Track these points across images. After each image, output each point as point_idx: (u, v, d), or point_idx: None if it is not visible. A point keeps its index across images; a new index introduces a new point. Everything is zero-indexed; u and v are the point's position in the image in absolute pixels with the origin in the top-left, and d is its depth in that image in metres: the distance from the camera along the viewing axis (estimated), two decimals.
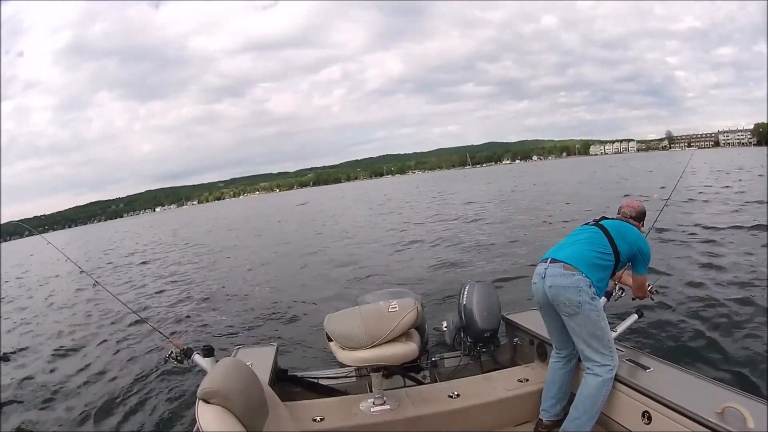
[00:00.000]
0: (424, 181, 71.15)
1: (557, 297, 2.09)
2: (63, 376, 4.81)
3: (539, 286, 2.16)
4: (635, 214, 2.45)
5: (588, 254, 2.14)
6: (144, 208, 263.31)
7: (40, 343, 6.23)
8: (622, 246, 2.21)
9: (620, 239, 2.21)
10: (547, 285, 2.12)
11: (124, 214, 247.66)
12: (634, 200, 2.53)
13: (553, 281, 2.10)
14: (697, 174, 23.58)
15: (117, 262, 14.53)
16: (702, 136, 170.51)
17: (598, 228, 2.26)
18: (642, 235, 2.34)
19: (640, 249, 2.25)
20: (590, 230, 2.29)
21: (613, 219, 2.39)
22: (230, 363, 1.70)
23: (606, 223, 2.30)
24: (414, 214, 19.82)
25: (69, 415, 3.90)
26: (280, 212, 35.73)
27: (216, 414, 1.43)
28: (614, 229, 2.24)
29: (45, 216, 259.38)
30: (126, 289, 9.60)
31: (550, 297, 2.11)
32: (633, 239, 2.25)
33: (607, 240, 2.20)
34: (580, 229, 2.35)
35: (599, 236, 2.22)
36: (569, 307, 2.07)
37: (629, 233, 2.26)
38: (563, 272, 2.09)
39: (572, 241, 2.27)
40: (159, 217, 57.58)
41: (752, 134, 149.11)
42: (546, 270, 2.14)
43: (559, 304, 2.10)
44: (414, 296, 2.52)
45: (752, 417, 1.59)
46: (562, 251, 2.19)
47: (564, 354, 2.29)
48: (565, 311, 2.09)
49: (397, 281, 7.56)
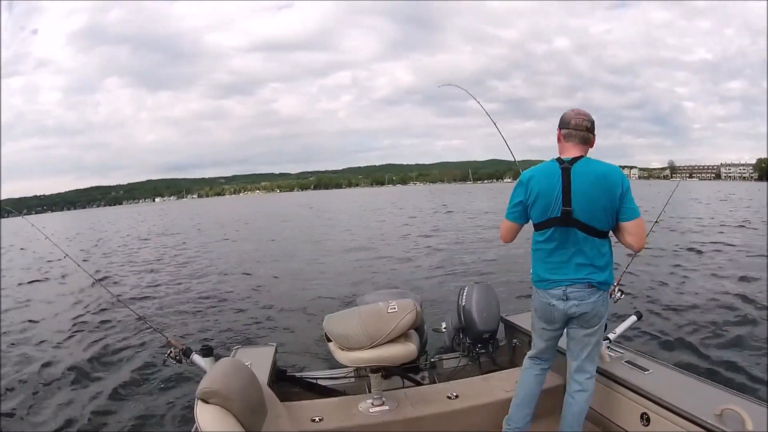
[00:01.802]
0: (430, 192, 71.04)
1: (585, 314, 1.92)
2: (60, 375, 4.79)
3: (559, 307, 1.93)
4: (591, 124, 1.91)
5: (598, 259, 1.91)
6: (144, 197, 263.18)
7: (36, 342, 6.22)
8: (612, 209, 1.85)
9: (609, 206, 1.83)
10: (572, 305, 1.91)
11: (124, 201, 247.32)
12: (577, 108, 1.99)
13: (580, 302, 1.90)
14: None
15: (117, 258, 14.51)
16: (704, 167, 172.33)
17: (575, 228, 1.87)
18: (615, 168, 1.90)
19: (626, 187, 1.85)
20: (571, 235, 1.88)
21: (576, 167, 1.86)
22: (229, 363, 1.70)
23: (578, 211, 1.84)
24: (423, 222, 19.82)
25: (66, 415, 3.88)
26: (285, 212, 35.71)
27: (215, 414, 1.43)
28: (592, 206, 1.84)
29: (45, 196, 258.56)
30: (126, 287, 9.58)
31: (577, 315, 1.93)
32: (618, 190, 1.82)
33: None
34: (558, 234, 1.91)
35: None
36: (594, 319, 1.94)
37: (610, 187, 1.82)
38: (588, 289, 1.90)
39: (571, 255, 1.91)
40: (159, 208, 57.41)
41: (754, 169, 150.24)
42: (566, 292, 1.91)
43: (586, 321, 1.94)
44: (413, 297, 2.52)
45: (750, 419, 1.59)
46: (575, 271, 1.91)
47: (546, 366, 2.16)
48: (589, 324, 1.95)
49: (397, 282, 7.57)
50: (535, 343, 2.14)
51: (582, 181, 1.84)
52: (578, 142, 1.90)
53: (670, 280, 6.33)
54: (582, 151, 1.90)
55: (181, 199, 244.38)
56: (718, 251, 8.16)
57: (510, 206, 2.00)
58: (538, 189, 1.90)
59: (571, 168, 1.86)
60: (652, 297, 5.60)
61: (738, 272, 6.53)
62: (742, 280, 6.22)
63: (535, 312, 2.07)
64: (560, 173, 1.87)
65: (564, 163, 1.88)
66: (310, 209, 25.81)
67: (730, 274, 6.49)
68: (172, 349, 2.43)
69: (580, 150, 1.90)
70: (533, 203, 1.92)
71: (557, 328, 2.04)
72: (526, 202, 1.95)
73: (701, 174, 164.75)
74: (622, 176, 1.86)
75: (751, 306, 5.05)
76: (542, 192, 1.89)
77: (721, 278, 6.26)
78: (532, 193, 1.91)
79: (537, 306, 2.04)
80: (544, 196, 1.88)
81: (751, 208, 20.83)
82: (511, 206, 1.99)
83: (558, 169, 1.88)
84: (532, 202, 1.92)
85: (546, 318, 2.01)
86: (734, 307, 5.02)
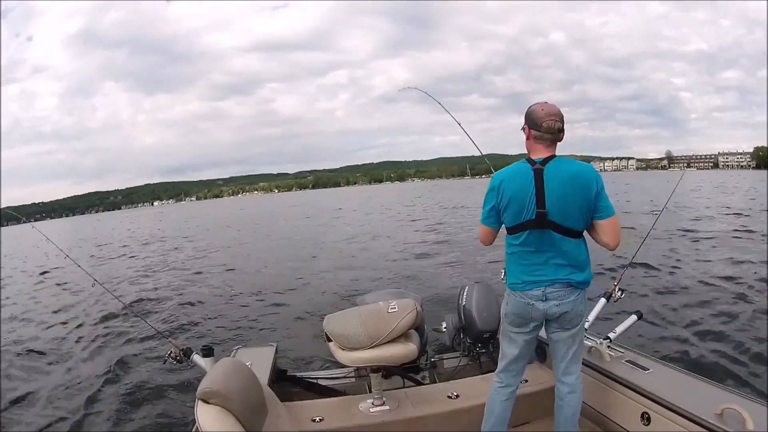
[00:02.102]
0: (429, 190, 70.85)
1: (565, 314, 1.89)
2: (60, 375, 4.80)
3: (539, 308, 1.88)
4: (563, 124, 1.84)
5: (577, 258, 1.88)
6: (142, 201, 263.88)
7: (37, 343, 6.22)
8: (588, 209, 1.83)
9: (584, 206, 1.82)
10: (552, 305, 1.87)
11: (122, 206, 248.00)
12: (546, 104, 1.87)
13: (560, 302, 1.87)
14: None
15: (117, 261, 14.52)
16: (701, 157, 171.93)
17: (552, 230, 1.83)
18: (588, 167, 1.89)
19: (600, 185, 1.83)
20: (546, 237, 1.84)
21: (549, 169, 1.81)
22: (229, 363, 1.70)
23: (553, 214, 1.80)
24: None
25: (66, 415, 3.89)
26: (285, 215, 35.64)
27: (215, 414, 1.43)
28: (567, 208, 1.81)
29: (43, 203, 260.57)
30: (126, 288, 9.58)
31: (556, 316, 1.89)
32: (592, 189, 1.80)
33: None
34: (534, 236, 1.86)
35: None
36: (575, 319, 1.91)
37: (584, 186, 1.80)
38: (567, 288, 1.87)
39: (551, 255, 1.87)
40: (157, 212, 57.53)
41: (751, 157, 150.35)
42: (545, 292, 1.87)
43: (566, 321, 1.91)
44: (413, 297, 2.52)
45: (751, 418, 1.59)
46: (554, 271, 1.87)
47: (514, 387, 2.05)
48: (571, 324, 1.92)
49: (397, 282, 7.57)
50: (505, 352, 2.04)
51: (556, 182, 1.80)
52: (549, 144, 1.84)
53: (671, 279, 6.33)
54: (552, 150, 1.85)
55: (180, 202, 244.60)
56: (716, 246, 8.15)
57: (484, 212, 1.95)
58: (510, 192, 1.84)
59: (544, 168, 1.81)
60: (652, 296, 5.60)
61: (740, 269, 6.53)
62: (743, 279, 6.22)
63: (507, 317, 1.99)
64: (533, 175, 1.81)
65: (536, 163, 1.83)
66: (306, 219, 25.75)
67: (732, 271, 6.49)
68: (172, 350, 2.43)
69: (550, 150, 1.85)
70: (506, 207, 1.86)
71: (530, 331, 1.96)
72: (498, 207, 1.89)
73: (699, 163, 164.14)
74: (596, 175, 1.84)
75: (752, 305, 5.04)
76: (515, 195, 1.83)
77: (722, 277, 6.26)
78: (504, 196, 1.85)
79: (511, 309, 1.96)
80: (516, 199, 1.83)
81: (756, 200, 20.45)
82: (485, 212, 1.95)
83: (530, 170, 1.82)
84: (505, 206, 1.86)
85: (521, 320, 1.94)
86: (735, 305, 5.02)
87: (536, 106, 1.87)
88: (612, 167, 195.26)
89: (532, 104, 1.90)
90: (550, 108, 1.84)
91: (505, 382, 2.05)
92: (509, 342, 2.02)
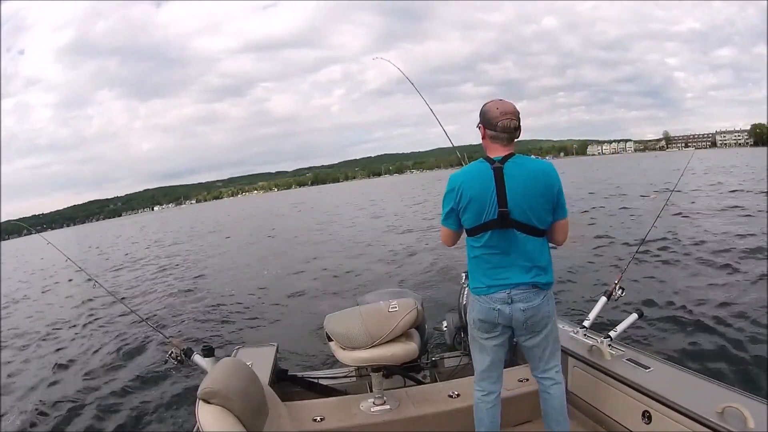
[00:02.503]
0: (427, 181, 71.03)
1: (532, 317, 1.84)
2: (62, 376, 4.81)
3: (505, 312, 1.82)
4: (518, 121, 1.81)
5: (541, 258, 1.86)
6: (142, 207, 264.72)
7: (38, 343, 6.23)
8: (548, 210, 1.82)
9: (547, 207, 1.81)
10: (518, 309, 1.82)
11: (123, 213, 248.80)
12: (501, 102, 1.83)
13: (526, 304, 1.82)
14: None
15: (120, 264, 14.55)
16: (699, 136, 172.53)
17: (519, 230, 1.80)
18: (549, 165, 1.88)
19: (560, 184, 1.83)
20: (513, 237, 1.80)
21: (508, 166, 1.78)
22: (230, 363, 1.70)
23: (515, 213, 1.77)
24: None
25: (67, 415, 3.89)
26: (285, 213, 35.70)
27: (216, 414, 1.43)
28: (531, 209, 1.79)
29: (44, 214, 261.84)
30: (126, 288, 9.59)
31: (522, 320, 1.84)
32: (554, 186, 1.81)
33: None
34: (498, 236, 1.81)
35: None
36: (543, 320, 1.87)
37: (547, 184, 1.79)
38: (533, 290, 1.84)
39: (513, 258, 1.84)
40: (160, 216, 57.68)
41: (749, 135, 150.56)
42: (510, 294, 1.82)
43: (534, 324, 1.86)
44: (414, 296, 2.52)
45: (752, 417, 1.59)
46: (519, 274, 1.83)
47: (496, 393, 2.00)
48: (541, 326, 1.88)
49: (398, 281, 7.56)
50: (478, 360, 1.99)
51: (516, 180, 1.76)
52: (506, 143, 1.81)
53: (672, 278, 6.31)
54: (510, 148, 1.82)
55: (180, 206, 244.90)
56: (718, 244, 8.13)
57: (443, 214, 1.90)
58: (470, 193, 1.79)
59: (504, 167, 1.77)
60: (652, 295, 5.59)
61: (742, 267, 6.52)
62: (745, 277, 6.21)
63: (474, 323, 1.93)
64: (492, 173, 1.77)
65: (495, 162, 1.79)
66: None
67: (734, 270, 6.47)
68: (173, 350, 2.43)
69: (508, 148, 1.81)
70: (465, 208, 1.81)
71: (498, 335, 1.91)
72: (457, 208, 1.83)
73: (697, 143, 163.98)
74: (556, 173, 1.83)
75: (752, 304, 5.04)
76: (475, 196, 1.78)
77: (724, 274, 6.24)
78: (464, 198, 1.80)
79: (477, 315, 1.90)
80: (477, 199, 1.78)
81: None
82: (444, 213, 1.90)
83: (489, 169, 1.78)
84: (464, 208, 1.81)
85: (488, 326, 1.88)
86: (736, 304, 5.01)
87: (491, 105, 1.83)
88: (610, 150, 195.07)
89: (487, 102, 1.86)
90: (506, 106, 1.81)
91: (486, 390, 1.99)
92: (480, 349, 1.97)
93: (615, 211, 12.75)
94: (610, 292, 2.60)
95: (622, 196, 16.36)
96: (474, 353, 2.01)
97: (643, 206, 12.91)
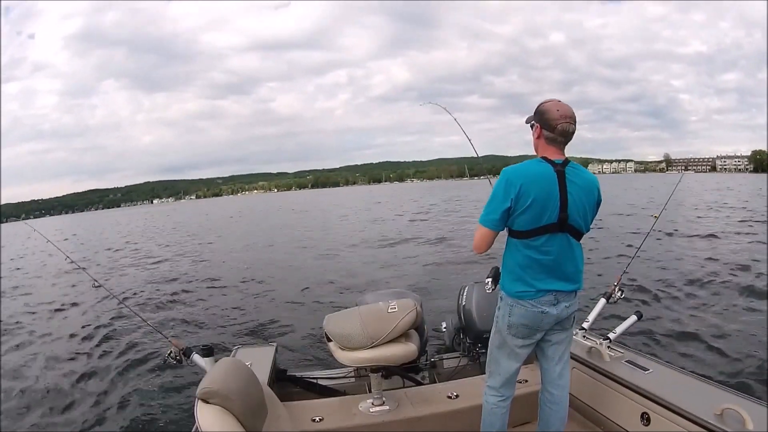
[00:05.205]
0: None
1: (571, 314, 1.87)
2: (61, 375, 4.80)
3: (552, 313, 1.80)
4: (575, 127, 1.76)
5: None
6: (142, 199, 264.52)
7: (37, 343, 6.21)
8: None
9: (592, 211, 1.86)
10: (563, 307, 1.82)
11: (122, 204, 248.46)
12: (559, 104, 1.77)
13: (569, 302, 1.83)
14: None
15: (117, 261, 14.51)
16: (699, 160, 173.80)
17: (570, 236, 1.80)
18: (596, 178, 1.88)
19: (600, 202, 1.89)
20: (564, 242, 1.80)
21: (570, 172, 1.76)
22: (229, 363, 1.70)
23: (574, 219, 1.76)
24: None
25: (66, 415, 3.89)
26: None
27: (215, 414, 1.43)
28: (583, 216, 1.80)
29: (43, 200, 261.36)
30: (126, 288, 9.57)
31: (564, 317, 1.84)
32: (599, 199, 1.87)
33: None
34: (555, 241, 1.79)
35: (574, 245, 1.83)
36: (571, 319, 1.89)
37: (595, 194, 1.85)
38: (573, 292, 1.87)
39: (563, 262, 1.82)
40: (159, 210, 57.31)
41: (749, 161, 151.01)
42: (557, 296, 1.81)
43: (566, 319, 1.87)
44: (413, 297, 2.52)
45: (751, 418, 1.59)
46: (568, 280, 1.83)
47: (509, 400, 1.97)
48: (569, 324, 1.90)
49: (397, 282, 7.56)
50: (505, 366, 1.92)
51: (576, 186, 1.76)
52: (562, 147, 1.79)
53: (671, 280, 6.33)
54: (564, 152, 1.80)
55: (179, 201, 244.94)
56: (716, 248, 8.16)
57: (490, 211, 1.77)
58: (534, 194, 1.70)
59: (565, 171, 1.76)
60: (652, 297, 5.60)
61: (742, 270, 6.53)
62: (744, 276, 6.23)
63: (510, 329, 1.85)
64: (556, 177, 1.73)
65: (556, 165, 1.75)
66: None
67: (734, 272, 6.49)
68: (172, 349, 2.43)
69: (562, 152, 1.79)
70: (526, 209, 1.71)
71: (535, 341, 1.88)
72: (514, 207, 1.73)
73: (697, 166, 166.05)
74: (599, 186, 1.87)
75: (753, 305, 5.04)
76: (538, 197, 1.70)
77: (723, 277, 6.26)
78: (525, 197, 1.70)
79: (518, 320, 1.82)
80: (539, 201, 1.71)
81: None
82: (492, 211, 1.76)
83: (553, 172, 1.73)
84: (525, 208, 1.71)
85: (530, 331, 1.83)
86: (735, 306, 5.02)
87: (550, 105, 1.76)
88: (611, 170, 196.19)
89: (545, 101, 1.79)
90: (565, 109, 1.75)
91: (505, 396, 1.95)
92: (509, 355, 1.90)
93: (616, 219, 12.76)
94: (609, 293, 2.60)
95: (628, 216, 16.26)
96: (500, 359, 1.93)
97: (645, 211, 12.91)
